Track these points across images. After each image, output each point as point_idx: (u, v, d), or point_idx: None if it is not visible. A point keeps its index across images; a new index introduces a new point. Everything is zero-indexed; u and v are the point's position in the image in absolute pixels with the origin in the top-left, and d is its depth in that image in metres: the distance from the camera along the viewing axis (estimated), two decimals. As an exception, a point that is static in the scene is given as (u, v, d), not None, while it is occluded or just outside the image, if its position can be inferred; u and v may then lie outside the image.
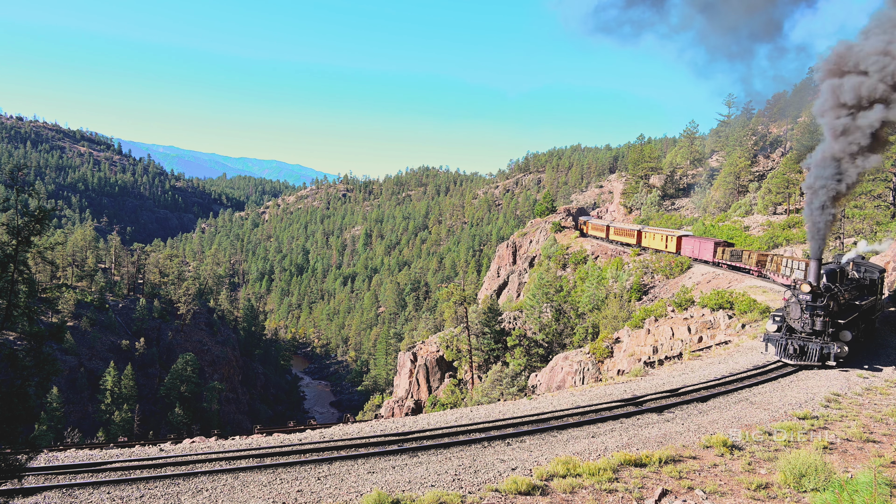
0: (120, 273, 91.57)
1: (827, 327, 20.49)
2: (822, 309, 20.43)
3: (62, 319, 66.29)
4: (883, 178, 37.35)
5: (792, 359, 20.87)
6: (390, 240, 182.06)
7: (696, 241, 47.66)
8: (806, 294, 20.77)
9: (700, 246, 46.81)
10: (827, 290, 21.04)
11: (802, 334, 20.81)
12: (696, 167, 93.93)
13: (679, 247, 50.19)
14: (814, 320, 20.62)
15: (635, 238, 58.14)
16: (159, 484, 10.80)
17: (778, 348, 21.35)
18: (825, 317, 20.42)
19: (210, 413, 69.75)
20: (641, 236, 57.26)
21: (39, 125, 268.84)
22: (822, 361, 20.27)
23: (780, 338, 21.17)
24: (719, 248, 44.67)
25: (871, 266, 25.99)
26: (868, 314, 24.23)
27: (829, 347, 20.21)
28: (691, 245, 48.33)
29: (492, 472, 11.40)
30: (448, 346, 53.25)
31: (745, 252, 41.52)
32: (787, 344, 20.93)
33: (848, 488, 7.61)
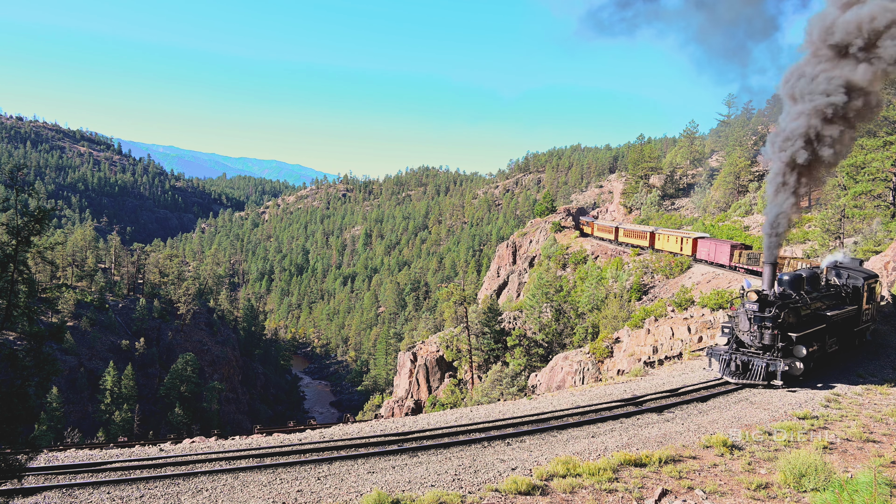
0: (120, 273, 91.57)
1: (776, 341, 18.30)
2: (771, 320, 18.25)
3: (62, 319, 66.30)
4: (883, 178, 37.35)
5: (734, 376, 18.61)
6: (390, 240, 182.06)
7: (713, 244, 45.81)
8: (753, 303, 18.65)
9: (716, 249, 44.99)
10: (781, 299, 18.93)
11: (752, 349, 18.70)
12: (696, 167, 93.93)
13: (695, 249, 48.25)
14: (762, 333, 18.45)
15: (648, 240, 55.84)
16: (159, 484, 10.80)
17: (721, 364, 19.13)
18: (774, 329, 18.22)
19: (210, 413, 69.73)
20: (655, 238, 54.94)
21: (39, 125, 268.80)
22: (768, 380, 18.07)
23: (724, 352, 19.07)
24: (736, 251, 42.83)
25: (857, 271, 23.73)
26: (845, 326, 22.02)
27: (775, 364, 17.94)
28: (707, 248, 46.46)
29: (492, 472, 11.40)
30: (448, 346, 53.26)
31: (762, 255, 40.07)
32: (730, 359, 18.75)
33: (848, 488, 7.61)
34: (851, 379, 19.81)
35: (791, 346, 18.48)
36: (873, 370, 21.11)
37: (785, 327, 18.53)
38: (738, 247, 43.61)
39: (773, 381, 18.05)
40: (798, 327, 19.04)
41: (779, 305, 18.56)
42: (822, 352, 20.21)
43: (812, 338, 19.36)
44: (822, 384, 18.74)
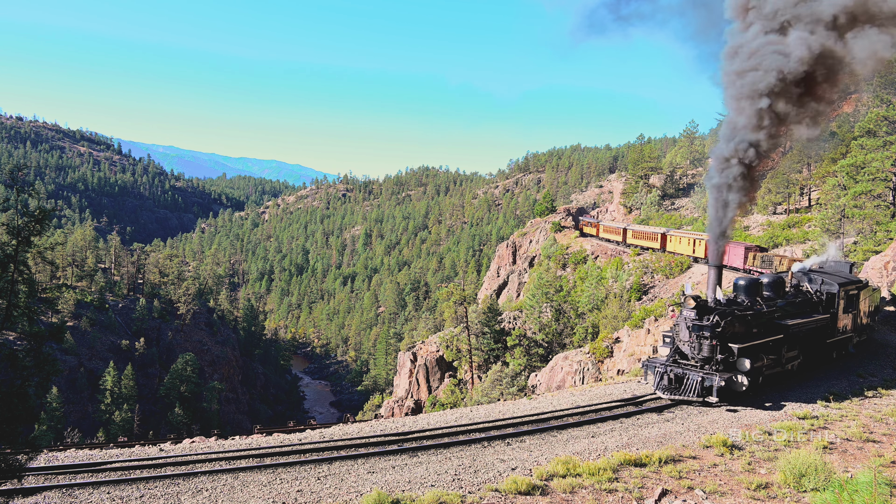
0: (120, 273, 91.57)
1: (715, 353, 16.49)
2: (710, 329, 16.39)
3: (62, 319, 66.29)
4: (883, 177, 37.34)
5: (667, 392, 16.79)
6: (390, 240, 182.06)
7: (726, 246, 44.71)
8: (691, 310, 16.84)
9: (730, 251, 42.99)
10: (726, 305, 17.26)
11: (693, 361, 16.94)
12: (696, 167, 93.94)
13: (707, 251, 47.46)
14: (700, 343, 16.63)
15: (659, 242, 54.19)
16: (159, 484, 10.80)
17: (656, 377, 17.32)
18: (713, 339, 16.40)
19: (210, 413, 69.73)
20: (666, 240, 53.42)
21: (39, 125, 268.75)
22: (703, 397, 16.27)
23: (661, 364, 17.32)
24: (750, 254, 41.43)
25: (834, 276, 21.69)
26: (814, 336, 19.95)
27: (711, 379, 16.02)
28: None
29: (492, 472, 11.40)
30: (448, 346, 53.26)
31: (777, 258, 38.26)
32: (665, 372, 17.04)
33: (848, 488, 7.61)
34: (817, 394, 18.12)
35: (732, 358, 16.49)
36: (873, 370, 21.11)
37: (726, 337, 16.55)
38: (752, 249, 42.08)
39: (708, 398, 16.19)
40: (744, 337, 17.02)
41: (720, 313, 16.64)
42: (778, 365, 18.22)
43: (763, 349, 17.40)
44: (772, 403, 16.67)
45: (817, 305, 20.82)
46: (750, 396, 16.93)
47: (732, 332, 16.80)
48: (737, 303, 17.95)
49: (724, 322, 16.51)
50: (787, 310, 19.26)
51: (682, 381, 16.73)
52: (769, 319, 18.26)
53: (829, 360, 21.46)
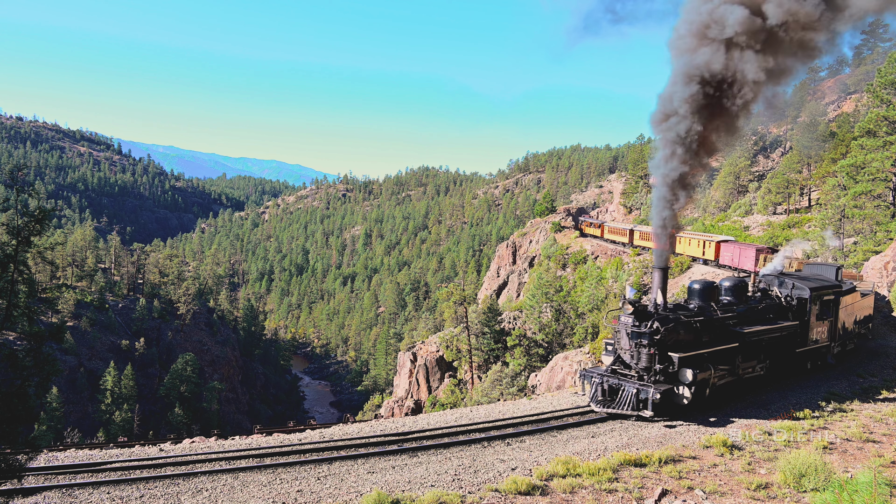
0: (120, 273, 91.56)
1: (653, 362, 15.21)
2: (648, 337, 15.11)
3: (62, 319, 66.28)
4: (883, 178, 37.33)
5: (600, 404, 15.55)
6: (390, 240, 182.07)
7: (736, 248, 43.28)
8: (628, 315, 15.53)
9: (740, 253, 42.45)
10: (671, 311, 15.91)
11: (632, 371, 15.70)
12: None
13: (718, 253, 45.69)
14: (639, 352, 15.41)
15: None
16: (159, 484, 10.80)
17: (592, 388, 16.12)
18: (650, 347, 15.17)
19: (210, 413, 69.73)
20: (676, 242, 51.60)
21: (39, 125, 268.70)
22: (638, 410, 14.92)
23: (597, 374, 16.15)
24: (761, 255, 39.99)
25: (808, 281, 20.17)
26: (780, 345, 18.39)
27: (646, 391, 14.75)
28: (730, 252, 43.99)
29: (492, 472, 11.40)
30: (448, 346, 53.26)
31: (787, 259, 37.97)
32: (600, 383, 15.86)
33: (848, 488, 7.61)
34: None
35: (672, 368, 15.14)
36: (873, 370, 21.11)
37: (667, 345, 15.24)
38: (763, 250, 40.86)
39: (642, 412, 14.80)
40: (691, 346, 15.63)
41: (660, 318, 15.25)
42: (733, 376, 16.77)
43: (713, 359, 15.97)
44: (718, 419, 15.32)
45: (786, 311, 19.10)
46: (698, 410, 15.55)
47: (676, 340, 15.40)
48: (685, 308, 16.53)
49: (665, 329, 15.12)
50: (747, 316, 17.69)
51: (616, 393, 15.51)
52: (723, 326, 16.73)
53: (801, 371, 19.81)
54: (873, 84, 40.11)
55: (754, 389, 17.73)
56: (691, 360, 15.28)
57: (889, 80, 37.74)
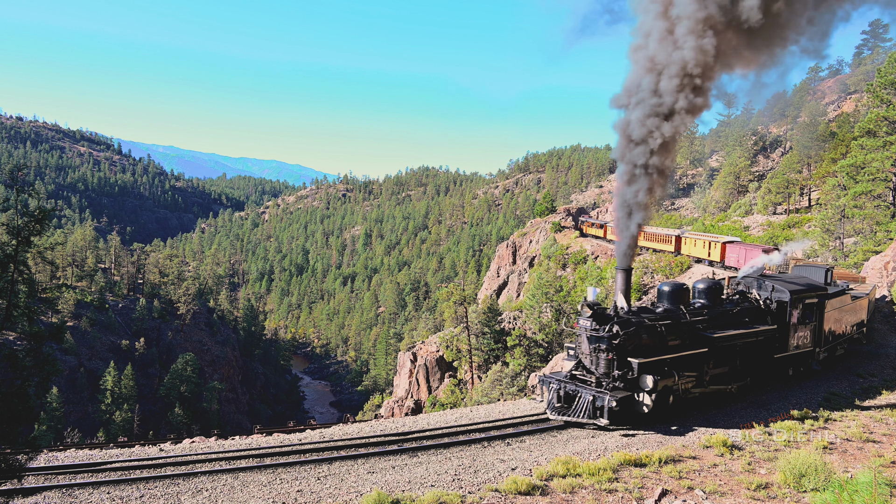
0: (120, 273, 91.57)
1: (612, 368, 14.50)
2: (607, 341, 14.42)
3: (62, 319, 66.28)
4: (883, 178, 37.34)
5: (556, 412, 14.84)
6: (390, 240, 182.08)
7: (742, 249, 42.71)
8: (587, 318, 14.83)
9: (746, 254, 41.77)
10: (634, 314, 15.12)
11: (593, 377, 14.91)
12: (696, 167, 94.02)
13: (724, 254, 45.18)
14: (597, 357, 14.73)
15: (674, 245, 52.34)
16: (159, 484, 10.80)
17: (550, 395, 15.45)
18: (609, 352, 14.46)
19: (210, 413, 69.74)
20: (681, 242, 51.59)
21: (39, 125, 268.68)
22: (594, 418, 14.21)
23: (556, 379, 15.41)
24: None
25: (789, 283, 19.07)
26: (755, 351, 17.47)
27: (602, 398, 14.02)
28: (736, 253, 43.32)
29: (492, 472, 11.40)
30: (448, 346, 53.26)
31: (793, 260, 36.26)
32: (558, 389, 15.19)
33: (848, 488, 7.61)
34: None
35: (632, 374, 14.44)
36: (873, 370, 21.12)
37: (627, 350, 14.54)
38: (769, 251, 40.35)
39: (598, 420, 14.12)
40: (654, 350, 14.92)
41: (621, 322, 14.54)
42: (699, 383, 15.91)
43: (678, 365, 15.16)
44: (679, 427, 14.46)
45: (765, 315, 18.13)
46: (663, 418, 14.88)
47: (638, 345, 14.69)
48: (650, 311, 15.72)
49: (625, 333, 14.40)
50: (720, 320, 16.83)
51: (572, 400, 14.86)
52: (692, 330, 15.89)
53: (782, 377, 18.94)
54: (873, 84, 40.12)
55: (728, 397, 16.90)
56: (653, 366, 14.56)
57: (889, 80, 37.74)
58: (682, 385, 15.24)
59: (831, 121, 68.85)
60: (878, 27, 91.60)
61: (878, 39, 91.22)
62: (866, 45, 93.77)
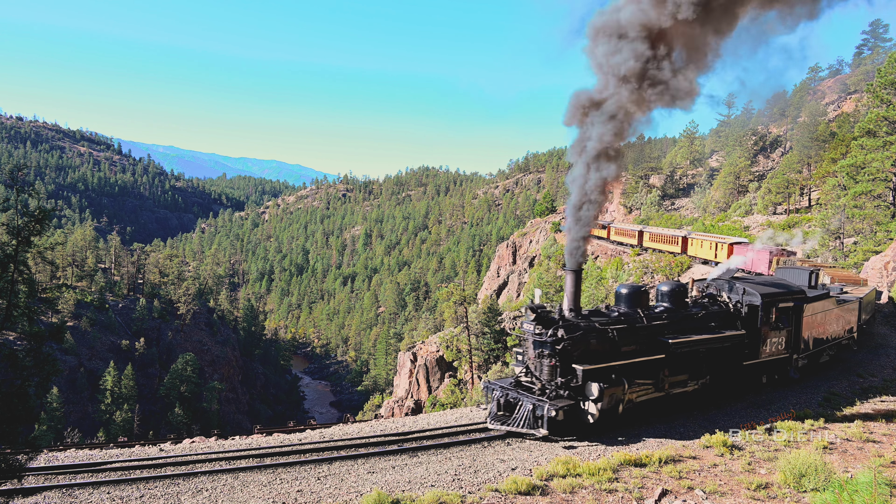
0: (120, 273, 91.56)
1: (555, 375, 13.70)
2: (550, 346, 13.64)
3: (62, 319, 66.27)
4: (883, 178, 37.35)
5: (497, 420, 14.03)
6: (390, 240, 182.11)
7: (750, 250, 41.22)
8: (530, 322, 14.09)
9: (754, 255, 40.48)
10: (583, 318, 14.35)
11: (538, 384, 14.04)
12: (696, 167, 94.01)
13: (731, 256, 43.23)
14: (541, 362, 13.94)
15: (680, 246, 51.24)
16: (159, 484, 10.80)
17: (492, 402, 14.64)
18: (552, 358, 13.67)
19: (210, 413, 69.73)
20: (688, 244, 50.57)
21: (39, 125, 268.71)
22: (535, 427, 13.37)
23: (500, 386, 14.58)
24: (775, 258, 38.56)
25: (761, 286, 18.02)
26: (723, 357, 16.49)
27: (542, 408, 13.18)
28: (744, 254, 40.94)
29: (492, 472, 11.40)
30: (448, 346, 53.26)
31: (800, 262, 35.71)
32: (501, 396, 14.37)
33: (848, 488, 7.61)
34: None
35: (577, 381, 13.62)
36: (873, 370, 21.12)
37: (571, 356, 13.73)
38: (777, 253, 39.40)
39: (538, 430, 13.26)
40: (603, 356, 14.09)
41: (566, 326, 13.74)
42: (659, 391, 15.09)
43: (629, 371, 14.33)
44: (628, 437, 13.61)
45: (734, 319, 17.14)
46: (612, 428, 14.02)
47: (585, 351, 13.91)
48: (603, 314, 14.94)
49: (570, 337, 13.62)
50: (682, 324, 15.87)
51: (513, 408, 14.05)
52: (649, 336, 15.02)
53: (755, 386, 17.91)
54: (873, 84, 40.13)
55: (689, 406, 15.97)
56: (600, 373, 13.71)
57: (889, 80, 37.75)
58: (636, 393, 14.42)
59: (831, 121, 68.85)
60: (878, 27, 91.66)
61: (878, 39, 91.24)
62: (866, 45, 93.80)
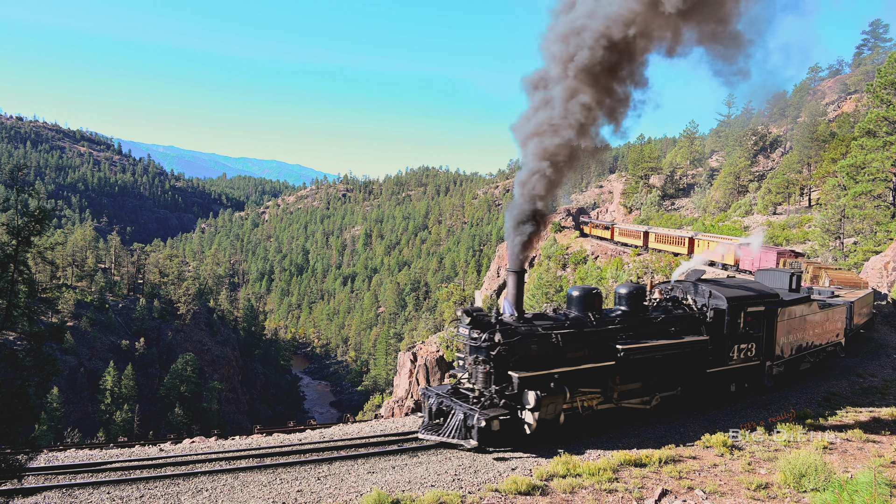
0: (120, 273, 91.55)
1: (490, 382, 12.88)
2: (486, 351, 12.84)
3: (62, 319, 66.25)
4: (883, 178, 37.35)
5: (429, 430, 13.28)
6: (390, 240, 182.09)
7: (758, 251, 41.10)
8: (465, 326, 13.30)
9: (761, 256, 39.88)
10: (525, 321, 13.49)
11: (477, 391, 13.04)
12: (696, 167, 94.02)
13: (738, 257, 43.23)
14: (476, 369, 13.16)
15: (687, 247, 50.33)
16: (159, 484, 10.80)
17: (426, 410, 13.88)
18: (486, 364, 12.88)
19: (210, 413, 69.73)
20: (695, 245, 49.76)
21: (39, 125, 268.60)
22: (466, 438, 12.57)
23: (435, 393, 13.74)
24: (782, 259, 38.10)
25: (729, 288, 17.08)
26: (684, 364, 15.47)
27: (472, 417, 12.40)
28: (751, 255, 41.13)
29: (491, 472, 11.40)
30: (448, 346, 53.26)
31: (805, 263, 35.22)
32: (435, 404, 13.54)
33: (848, 488, 7.61)
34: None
35: (512, 389, 12.84)
36: (873, 370, 21.12)
37: (508, 362, 12.91)
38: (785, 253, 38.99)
39: (468, 441, 12.47)
40: (545, 363, 13.24)
41: (503, 330, 12.90)
42: (605, 400, 14.19)
43: (573, 379, 13.41)
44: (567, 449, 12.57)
45: (699, 324, 16.14)
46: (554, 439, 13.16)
47: (525, 357, 13.06)
48: (550, 318, 14.08)
49: (507, 342, 12.78)
50: (639, 329, 14.91)
51: (446, 417, 13.28)
52: (598, 341, 14.12)
53: (722, 395, 16.87)
54: (873, 84, 40.14)
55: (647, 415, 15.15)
56: (538, 381, 12.85)
57: (889, 80, 37.75)
58: (581, 402, 13.59)
59: (831, 121, 68.86)
60: (878, 27, 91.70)
61: (879, 39, 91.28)
62: (866, 45, 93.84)
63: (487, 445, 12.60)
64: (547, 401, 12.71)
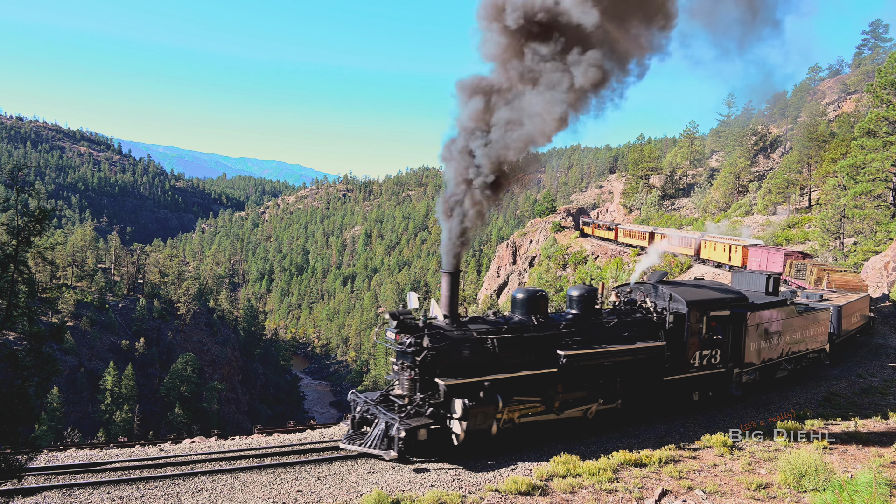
0: (120, 273, 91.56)
1: (415, 389, 12.30)
2: (411, 357, 12.20)
3: (62, 319, 66.26)
4: (883, 178, 37.35)
5: (351, 440, 12.56)
6: (390, 240, 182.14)
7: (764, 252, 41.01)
8: (392, 330, 12.61)
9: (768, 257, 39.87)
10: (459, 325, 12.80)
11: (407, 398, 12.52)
12: (696, 167, 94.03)
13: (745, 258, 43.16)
14: (401, 375, 12.58)
15: (694, 249, 50.05)
16: (159, 484, 10.80)
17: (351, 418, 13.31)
18: (412, 370, 12.24)
19: (210, 413, 69.72)
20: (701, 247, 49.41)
21: (39, 125, 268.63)
22: (387, 448, 11.86)
23: (362, 401, 13.14)
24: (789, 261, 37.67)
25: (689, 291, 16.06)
26: (638, 371, 14.75)
27: (394, 427, 11.72)
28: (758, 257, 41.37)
29: (491, 472, 11.40)
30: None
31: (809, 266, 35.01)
32: (359, 412, 12.96)
33: (848, 488, 7.61)
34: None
35: (437, 396, 12.14)
36: (873, 370, 21.13)
37: (434, 369, 12.22)
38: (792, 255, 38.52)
39: (388, 451, 11.77)
40: (478, 370, 12.48)
41: (430, 334, 12.22)
42: (547, 409, 13.35)
43: (508, 387, 12.63)
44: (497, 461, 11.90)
45: (657, 329, 15.28)
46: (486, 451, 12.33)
47: (455, 362, 12.34)
48: (488, 321, 13.28)
49: (435, 347, 12.09)
50: (588, 334, 14.09)
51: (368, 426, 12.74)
52: (541, 346, 13.32)
53: (685, 404, 15.93)
54: (873, 84, 40.14)
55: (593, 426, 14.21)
56: (467, 388, 12.12)
57: (889, 80, 37.75)
58: (518, 412, 12.82)
59: (831, 121, 68.87)
60: (878, 27, 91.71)
61: (879, 39, 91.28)
62: (866, 45, 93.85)
63: (413, 456, 11.91)
64: (476, 410, 11.93)
